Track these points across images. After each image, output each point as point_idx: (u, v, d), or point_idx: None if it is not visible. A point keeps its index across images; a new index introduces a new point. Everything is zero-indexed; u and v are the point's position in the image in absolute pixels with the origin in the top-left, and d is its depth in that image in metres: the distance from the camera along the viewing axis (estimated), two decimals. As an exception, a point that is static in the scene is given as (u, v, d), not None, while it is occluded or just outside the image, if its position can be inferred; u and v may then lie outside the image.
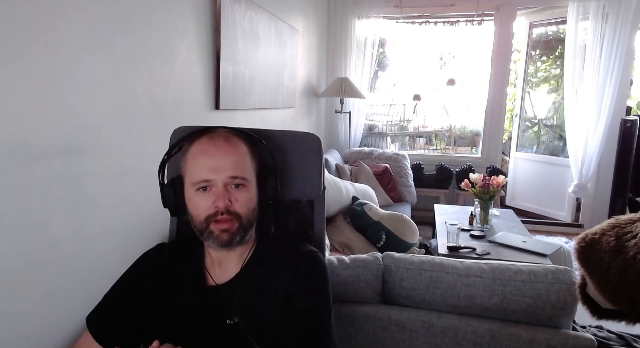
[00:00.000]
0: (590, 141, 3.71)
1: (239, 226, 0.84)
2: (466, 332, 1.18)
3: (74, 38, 1.16)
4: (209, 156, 0.84)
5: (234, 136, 0.88)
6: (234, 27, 2.07)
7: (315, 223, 1.09)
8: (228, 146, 0.85)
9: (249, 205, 0.86)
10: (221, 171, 0.83)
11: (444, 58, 7.12)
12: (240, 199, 0.84)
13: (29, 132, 1.05)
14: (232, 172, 0.83)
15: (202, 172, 0.83)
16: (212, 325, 0.86)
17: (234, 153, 0.85)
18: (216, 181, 0.83)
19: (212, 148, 0.84)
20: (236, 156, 0.85)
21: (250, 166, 0.88)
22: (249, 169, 0.87)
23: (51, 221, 1.13)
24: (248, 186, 0.86)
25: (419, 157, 4.48)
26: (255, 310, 0.86)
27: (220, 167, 0.83)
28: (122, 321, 0.89)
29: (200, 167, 0.84)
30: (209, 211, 0.83)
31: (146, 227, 1.47)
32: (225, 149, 0.84)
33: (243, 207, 0.85)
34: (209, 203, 0.83)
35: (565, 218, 4.09)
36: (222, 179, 0.83)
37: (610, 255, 0.77)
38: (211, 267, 0.92)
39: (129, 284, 0.93)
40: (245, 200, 0.85)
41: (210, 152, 0.84)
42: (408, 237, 2.44)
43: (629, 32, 3.49)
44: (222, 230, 0.83)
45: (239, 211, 0.84)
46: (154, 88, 1.53)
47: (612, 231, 0.80)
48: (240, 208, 0.84)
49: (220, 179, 0.83)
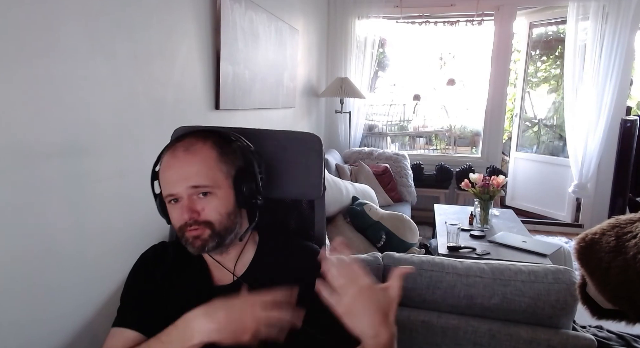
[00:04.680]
0: (590, 141, 3.71)
1: (211, 232, 0.84)
2: (466, 332, 1.18)
3: (74, 38, 1.16)
4: (170, 169, 0.84)
5: (199, 141, 0.86)
6: (234, 27, 2.07)
7: (315, 223, 1.09)
8: (187, 156, 0.84)
9: (221, 210, 0.85)
10: (182, 183, 0.82)
11: (444, 58, 7.12)
12: (208, 207, 0.83)
13: (29, 132, 1.05)
14: (193, 182, 0.82)
15: (167, 186, 0.84)
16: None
17: (194, 162, 0.83)
18: (180, 193, 0.83)
19: (173, 160, 0.84)
20: (196, 165, 0.83)
21: (218, 170, 0.85)
22: (216, 174, 0.85)
23: (51, 221, 1.13)
24: (216, 192, 0.84)
25: (419, 157, 4.48)
26: None
27: (180, 179, 0.82)
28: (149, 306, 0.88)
29: (165, 181, 0.84)
30: (180, 222, 0.84)
31: (146, 227, 1.47)
32: (184, 160, 0.83)
33: (213, 214, 0.84)
34: (179, 215, 0.84)
35: (565, 218, 4.09)
36: (184, 191, 0.82)
37: (610, 255, 0.77)
38: (214, 268, 0.92)
39: (141, 275, 0.92)
40: (215, 207, 0.84)
41: (171, 165, 0.84)
42: (408, 237, 2.44)
43: (629, 32, 3.50)
44: (194, 236, 0.84)
45: (208, 219, 0.83)
46: (154, 88, 1.53)
47: (612, 231, 0.80)
48: (210, 215, 0.83)
49: (183, 192, 0.82)
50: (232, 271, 0.90)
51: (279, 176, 1.02)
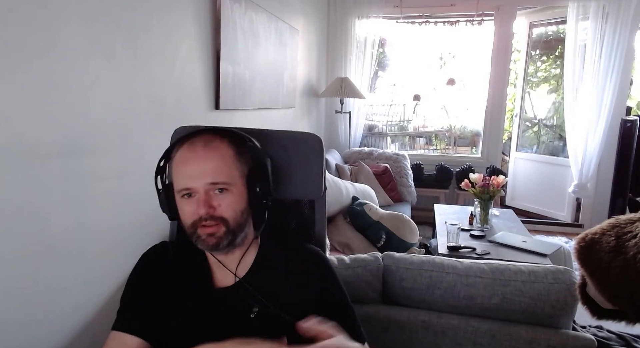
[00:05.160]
0: (590, 141, 3.71)
1: (226, 229, 0.84)
2: (466, 332, 1.18)
3: (74, 38, 1.16)
4: (188, 164, 0.83)
5: (217, 138, 0.87)
6: (234, 27, 2.07)
7: (316, 223, 1.09)
8: (207, 151, 0.84)
9: (235, 208, 0.85)
10: (200, 178, 0.82)
11: (444, 58, 7.12)
12: (224, 203, 0.84)
13: (29, 132, 1.05)
14: (211, 178, 0.82)
15: (183, 180, 0.83)
16: (237, 326, 0.86)
17: (214, 158, 0.84)
18: (197, 188, 0.83)
19: (191, 154, 0.84)
20: (216, 161, 0.84)
21: (234, 169, 0.86)
22: (232, 172, 0.85)
23: (51, 221, 1.13)
24: (232, 189, 0.85)
25: (419, 157, 4.48)
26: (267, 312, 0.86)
27: (199, 174, 0.82)
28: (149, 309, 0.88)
29: (181, 175, 0.84)
30: (193, 218, 0.83)
31: (146, 227, 1.47)
32: (204, 155, 0.83)
33: (228, 210, 0.84)
34: (193, 210, 0.83)
35: (565, 218, 4.09)
36: (202, 186, 0.82)
37: (610, 255, 0.77)
38: (215, 269, 0.92)
39: (141, 278, 0.92)
40: (230, 204, 0.84)
41: (190, 159, 0.84)
42: (408, 237, 2.44)
43: (629, 32, 3.49)
44: (209, 234, 0.83)
45: (224, 215, 0.84)
46: (154, 88, 1.53)
47: (612, 231, 0.80)
48: (225, 211, 0.84)
49: (200, 186, 0.82)
50: (234, 272, 0.90)
51: (279, 176, 1.02)
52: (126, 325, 0.86)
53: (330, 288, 0.92)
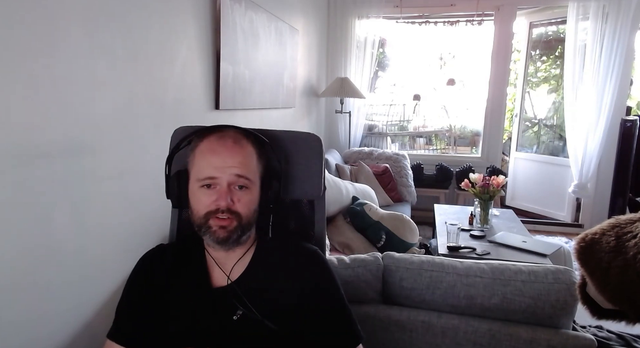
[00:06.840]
0: (590, 141, 3.71)
1: (238, 224, 0.86)
2: (466, 332, 1.18)
3: (74, 38, 1.16)
4: (216, 155, 0.85)
5: (243, 137, 0.90)
6: (234, 27, 2.07)
7: (315, 223, 1.09)
8: (236, 147, 0.87)
9: (250, 206, 0.88)
10: (227, 170, 0.84)
11: (444, 58, 7.12)
12: (242, 199, 0.86)
13: (29, 132, 1.05)
14: (237, 171, 0.85)
15: (209, 169, 0.85)
16: (219, 325, 0.87)
17: (242, 153, 0.87)
18: (221, 179, 0.84)
19: (221, 147, 0.86)
20: (243, 157, 0.87)
21: (255, 168, 0.89)
22: (254, 170, 0.88)
23: (51, 221, 1.13)
24: (251, 187, 0.87)
25: (419, 157, 4.48)
26: (264, 311, 0.87)
27: (226, 166, 0.84)
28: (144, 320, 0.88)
29: (207, 164, 0.85)
30: (209, 208, 0.85)
31: (146, 227, 1.47)
32: (233, 149, 0.86)
33: (244, 207, 0.86)
34: (211, 200, 0.85)
35: (565, 218, 4.09)
36: (227, 177, 0.84)
37: (610, 255, 0.77)
38: (213, 269, 0.92)
39: (138, 284, 0.92)
40: (247, 201, 0.87)
41: (219, 151, 0.86)
42: (408, 237, 2.44)
43: (629, 32, 3.49)
44: (221, 226, 0.85)
45: (239, 211, 0.86)
46: (154, 88, 1.53)
47: (612, 231, 0.80)
48: (242, 208, 0.86)
49: (225, 178, 0.84)
50: (228, 274, 0.91)
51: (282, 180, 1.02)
52: (119, 335, 0.88)
53: (327, 287, 0.92)
